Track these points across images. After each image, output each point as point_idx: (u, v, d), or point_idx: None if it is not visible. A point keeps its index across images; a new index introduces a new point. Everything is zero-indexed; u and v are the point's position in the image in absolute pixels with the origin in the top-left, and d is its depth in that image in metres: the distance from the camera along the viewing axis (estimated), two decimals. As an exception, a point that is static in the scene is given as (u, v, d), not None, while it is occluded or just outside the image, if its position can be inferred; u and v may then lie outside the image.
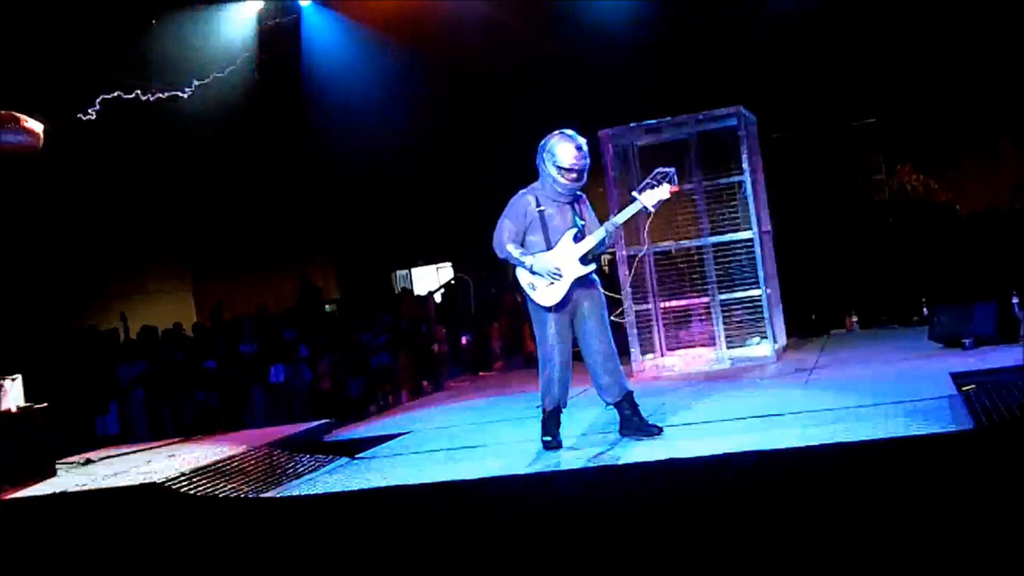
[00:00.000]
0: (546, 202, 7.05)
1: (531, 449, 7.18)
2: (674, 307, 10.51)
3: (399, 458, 7.88)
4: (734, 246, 10.27)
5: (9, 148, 8.20)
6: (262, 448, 8.13)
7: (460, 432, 8.54)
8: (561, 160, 6.92)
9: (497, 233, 7.10)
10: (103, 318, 17.36)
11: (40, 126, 8.38)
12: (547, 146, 6.99)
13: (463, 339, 13.94)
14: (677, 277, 10.49)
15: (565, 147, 6.92)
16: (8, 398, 7.95)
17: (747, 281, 10.19)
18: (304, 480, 7.45)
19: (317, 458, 8.11)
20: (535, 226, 7.05)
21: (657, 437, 6.96)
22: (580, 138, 6.98)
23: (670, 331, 10.56)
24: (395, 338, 13.26)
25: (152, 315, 17.46)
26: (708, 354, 10.32)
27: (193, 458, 7.90)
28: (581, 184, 7.04)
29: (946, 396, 6.96)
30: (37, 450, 7.90)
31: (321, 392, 12.35)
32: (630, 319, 10.23)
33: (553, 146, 6.95)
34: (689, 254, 10.46)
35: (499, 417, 8.94)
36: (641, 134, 10.63)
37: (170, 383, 13.12)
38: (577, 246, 6.99)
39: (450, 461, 7.38)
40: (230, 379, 12.77)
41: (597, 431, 7.45)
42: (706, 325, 10.38)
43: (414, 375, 12.61)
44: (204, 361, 13.46)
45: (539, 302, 7.00)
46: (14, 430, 7.76)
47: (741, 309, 10.19)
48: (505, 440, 7.77)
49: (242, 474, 7.45)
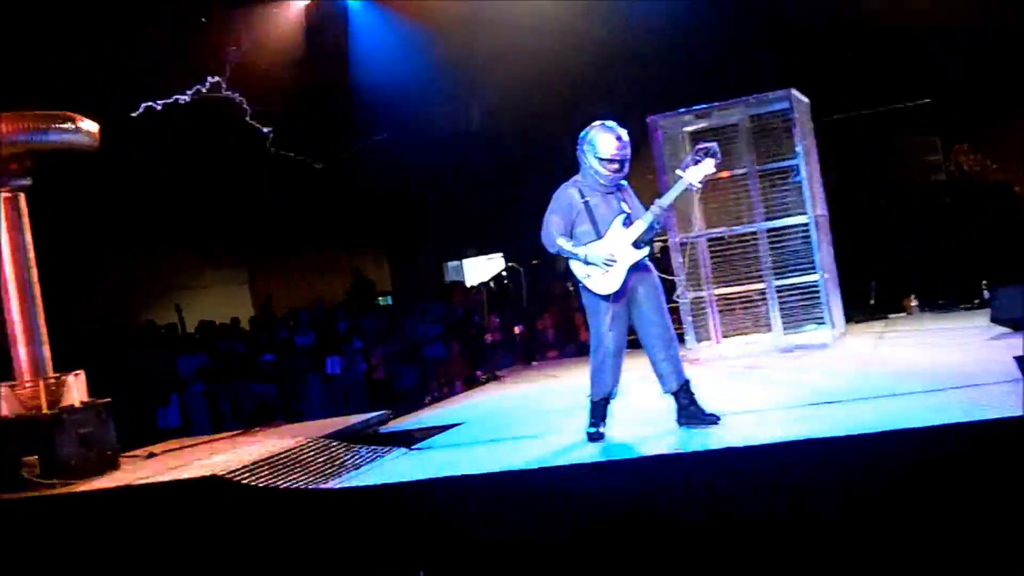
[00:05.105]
0: (590, 193, 7.02)
1: (584, 439, 7.17)
2: (729, 293, 10.44)
3: (455, 448, 7.89)
4: (789, 231, 10.18)
5: (66, 147, 8.32)
6: (320, 439, 8.18)
7: (515, 422, 8.54)
8: (602, 151, 6.89)
9: (545, 229, 7.09)
10: (161, 312, 17.59)
11: (96, 126, 8.49)
12: (587, 137, 6.97)
13: (516, 329, 13.96)
14: (731, 263, 10.42)
15: (605, 138, 6.90)
16: (72, 393, 8.08)
17: (803, 266, 10.11)
18: (362, 471, 7.50)
19: (374, 449, 8.15)
20: (582, 217, 7.02)
21: (714, 426, 6.91)
22: (620, 128, 6.95)
23: (725, 318, 10.49)
24: (448, 329, 13.33)
25: (209, 308, 17.67)
26: (764, 340, 10.25)
27: (253, 450, 7.97)
28: (623, 174, 7.01)
29: (1011, 380, 6.84)
30: (101, 444, 8.02)
31: (376, 383, 12.45)
32: (685, 306, 10.18)
33: (593, 137, 6.94)
34: (743, 239, 10.39)
35: (553, 406, 8.92)
36: (691, 119, 10.57)
37: (229, 376, 13.27)
38: (628, 231, 6.96)
39: (505, 451, 7.38)
40: (287, 371, 12.89)
41: (654, 420, 7.42)
42: (762, 311, 10.31)
43: (467, 365, 12.66)
44: (262, 354, 13.60)
45: (595, 291, 6.98)
46: (79, 424, 7.88)
47: (797, 294, 10.11)
48: (560, 430, 7.76)
49: (301, 465, 7.50)
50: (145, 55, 14.17)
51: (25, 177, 8.24)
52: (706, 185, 7.17)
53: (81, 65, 13.46)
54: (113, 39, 13.88)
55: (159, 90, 11.67)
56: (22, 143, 7.95)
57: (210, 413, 13.11)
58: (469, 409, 9.82)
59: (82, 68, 13.41)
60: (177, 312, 17.14)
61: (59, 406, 7.93)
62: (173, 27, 14.69)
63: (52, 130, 8.08)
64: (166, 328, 16.72)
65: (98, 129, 8.50)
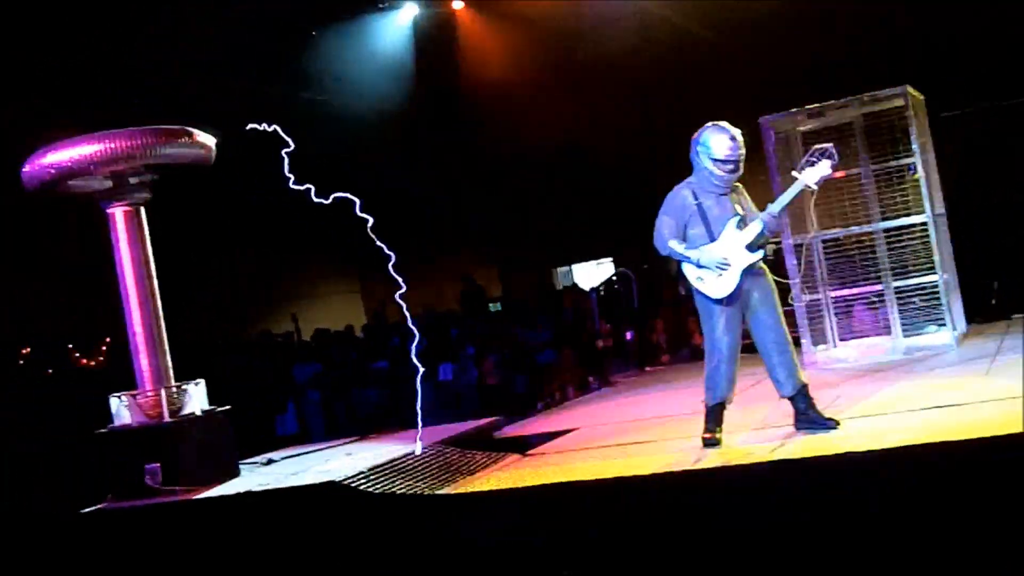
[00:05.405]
0: (703, 195, 6.96)
1: (700, 445, 7.10)
2: (845, 295, 10.25)
3: (569, 454, 7.89)
4: (906, 230, 9.95)
5: (183, 161, 8.51)
6: (435, 445, 8.24)
7: (627, 428, 8.50)
8: (716, 152, 6.83)
9: (657, 231, 7.05)
10: (275, 321, 17.90)
11: (212, 139, 8.67)
12: (701, 139, 6.91)
13: (627, 334, 13.88)
14: (848, 265, 10.23)
15: (719, 139, 6.84)
16: (193, 402, 8.25)
17: (922, 266, 9.88)
18: (477, 477, 7.52)
19: (489, 455, 8.18)
20: (695, 219, 6.97)
21: (833, 430, 6.79)
22: (734, 129, 6.88)
23: (842, 320, 10.30)
24: (559, 335, 13.31)
25: (322, 317, 17.92)
26: (883, 343, 10.02)
27: (369, 456, 8.05)
28: (737, 175, 6.94)
29: None
30: (222, 451, 8.18)
31: (488, 389, 12.47)
32: (800, 309, 10.02)
33: (707, 139, 6.87)
34: (859, 240, 10.19)
35: (666, 412, 8.87)
36: (803, 119, 10.40)
37: (343, 383, 13.43)
38: (742, 234, 6.89)
39: (618, 457, 7.35)
40: (400, 378, 12.99)
41: (771, 425, 7.32)
42: (880, 313, 10.10)
43: (579, 371, 12.62)
44: (375, 361, 13.74)
45: (709, 295, 6.91)
46: (200, 433, 8.05)
47: (916, 296, 9.89)
48: (673, 436, 7.70)
49: (417, 471, 7.56)
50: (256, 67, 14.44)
51: (144, 191, 8.45)
52: (820, 186, 7.06)
53: (193, 81, 13.78)
54: (224, 54, 14.17)
55: (273, 100, 11.91)
56: (140, 158, 8.14)
57: (326, 420, 13.28)
58: (582, 415, 9.81)
59: (199, 79, 13.72)
60: (293, 321, 17.44)
61: (180, 415, 8.11)
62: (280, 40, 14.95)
63: (169, 144, 8.26)
64: (283, 337, 17.01)
65: (214, 142, 8.68)
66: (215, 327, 16.63)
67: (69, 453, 9.89)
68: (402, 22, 17.77)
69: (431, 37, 17.95)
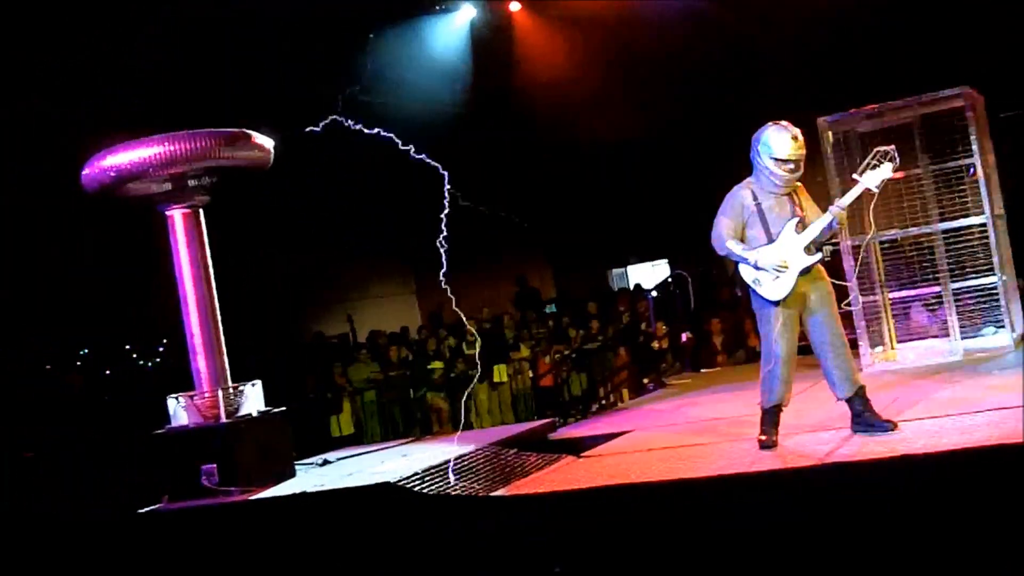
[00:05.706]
0: (763, 195, 6.93)
1: (755, 447, 7.06)
2: (903, 297, 10.15)
3: (624, 456, 7.87)
4: (965, 232, 9.83)
5: (242, 164, 8.59)
6: (490, 447, 8.25)
7: (684, 430, 8.47)
8: (777, 152, 6.79)
9: (715, 230, 7.03)
10: (330, 323, 18.01)
11: (270, 142, 8.75)
12: (761, 138, 6.88)
13: (683, 336, 13.84)
14: (905, 266, 10.12)
15: (780, 138, 6.80)
16: (250, 403, 8.33)
17: (981, 268, 9.75)
18: (532, 478, 7.53)
19: (544, 456, 8.18)
20: (754, 220, 6.94)
21: (891, 433, 6.73)
22: (794, 128, 6.85)
23: (900, 322, 10.19)
24: (615, 336, 13.29)
25: (377, 318, 18.00)
26: (941, 345, 9.90)
27: (424, 457, 8.09)
28: (798, 175, 6.90)
29: None
30: (278, 452, 8.26)
31: (543, 390, 12.50)
32: (857, 310, 9.94)
33: (768, 138, 6.84)
34: (918, 241, 10.08)
35: (722, 414, 8.82)
36: (862, 120, 10.30)
37: (399, 384, 13.51)
38: (800, 236, 6.85)
39: (674, 459, 7.33)
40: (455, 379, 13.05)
41: (828, 428, 7.26)
42: (938, 315, 9.98)
43: (635, 373, 12.60)
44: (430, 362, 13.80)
45: (765, 297, 6.88)
46: (256, 433, 8.13)
47: (975, 297, 9.76)
48: (729, 438, 7.66)
49: (472, 472, 7.58)
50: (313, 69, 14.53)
51: (203, 193, 8.53)
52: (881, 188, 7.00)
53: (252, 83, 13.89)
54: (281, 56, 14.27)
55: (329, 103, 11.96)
56: (199, 161, 8.22)
57: (381, 421, 13.37)
58: (637, 417, 9.78)
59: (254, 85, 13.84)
60: (349, 322, 17.54)
61: (237, 415, 8.18)
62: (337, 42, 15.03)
63: (229, 147, 8.34)
64: (338, 338, 17.13)
65: (272, 145, 8.75)
66: (273, 329, 16.76)
67: (126, 454, 10.02)
68: (459, 24, 17.79)
69: (488, 38, 17.95)
